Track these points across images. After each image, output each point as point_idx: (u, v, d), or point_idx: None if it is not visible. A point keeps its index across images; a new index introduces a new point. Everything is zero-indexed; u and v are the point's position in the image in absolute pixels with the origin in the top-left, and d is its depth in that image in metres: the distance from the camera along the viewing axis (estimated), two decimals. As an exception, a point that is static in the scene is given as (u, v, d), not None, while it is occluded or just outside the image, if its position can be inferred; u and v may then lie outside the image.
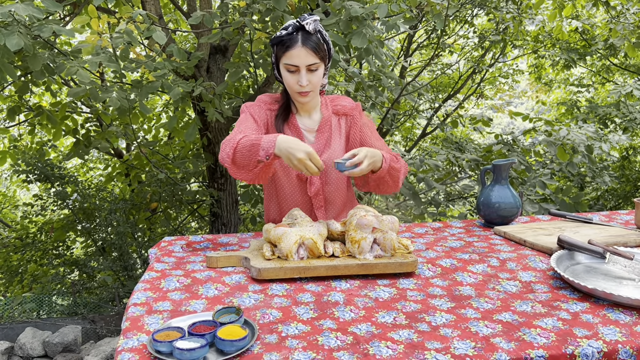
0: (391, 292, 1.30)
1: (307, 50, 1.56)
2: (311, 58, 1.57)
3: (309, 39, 1.57)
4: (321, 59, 1.60)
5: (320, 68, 1.62)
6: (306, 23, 1.56)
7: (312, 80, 1.61)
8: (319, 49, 1.59)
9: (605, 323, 1.12)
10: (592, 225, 1.82)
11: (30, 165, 5.15)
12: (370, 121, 1.80)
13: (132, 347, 1.05)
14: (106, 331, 4.84)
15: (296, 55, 1.57)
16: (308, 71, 1.59)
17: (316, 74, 1.61)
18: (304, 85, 1.59)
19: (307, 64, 1.58)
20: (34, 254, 5.67)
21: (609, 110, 6.17)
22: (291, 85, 1.62)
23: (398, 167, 1.64)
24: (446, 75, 7.79)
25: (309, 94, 1.63)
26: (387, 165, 1.59)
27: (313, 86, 1.62)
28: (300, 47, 1.56)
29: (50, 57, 2.69)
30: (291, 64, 1.58)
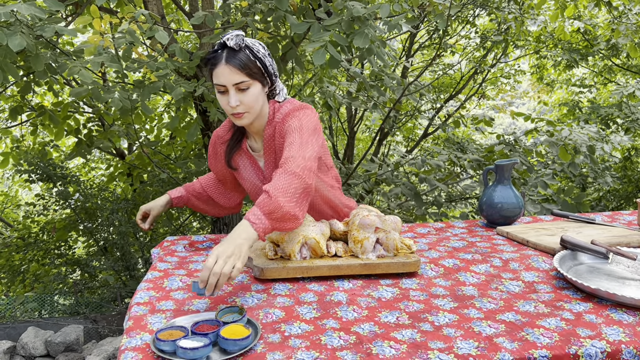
0: (394, 292, 1.30)
1: (231, 68, 1.44)
2: (237, 76, 1.45)
3: (233, 56, 1.45)
4: (250, 76, 1.47)
5: (253, 87, 1.48)
6: (227, 39, 1.46)
7: (244, 100, 1.47)
8: (246, 66, 1.45)
9: (609, 323, 1.12)
10: (594, 226, 1.82)
11: (33, 165, 5.16)
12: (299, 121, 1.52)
13: (136, 346, 1.05)
14: (108, 331, 4.85)
15: (221, 74, 1.45)
16: (238, 90, 1.47)
17: (248, 94, 1.47)
18: (233, 106, 1.47)
19: (233, 83, 1.45)
20: (36, 253, 5.68)
21: (611, 110, 6.16)
22: (224, 107, 1.51)
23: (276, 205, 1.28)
24: (448, 75, 7.79)
25: (244, 115, 1.50)
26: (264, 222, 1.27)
27: (246, 107, 1.49)
28: (224, 65, 1.45)
29: (53, 57, 2.69)
30: (218, 83, 1.47)
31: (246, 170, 1.68)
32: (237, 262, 1.20)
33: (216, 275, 1.16)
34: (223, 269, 1.17)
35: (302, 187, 1.35)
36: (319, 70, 4.73)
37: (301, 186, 1.35)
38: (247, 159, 1.68)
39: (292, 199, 1.32)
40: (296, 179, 1.34)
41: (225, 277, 1.17)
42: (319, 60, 2.46)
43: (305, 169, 1.37)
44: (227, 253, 1.19)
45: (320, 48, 2.49)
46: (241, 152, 1.68)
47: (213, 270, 1.16)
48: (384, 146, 7.75)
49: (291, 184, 1.33)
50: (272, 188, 1.30)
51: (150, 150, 4.98)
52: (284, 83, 5.59)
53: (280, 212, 1.29)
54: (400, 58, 6.85)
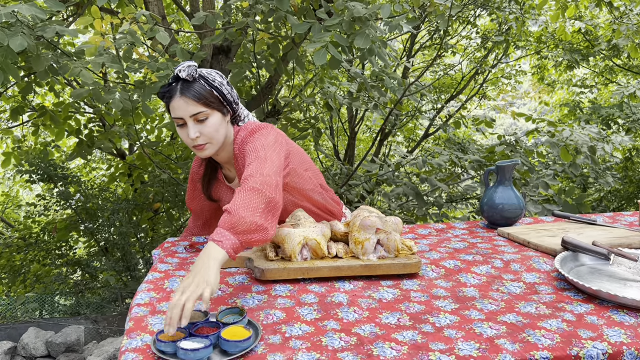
0: (395, 293, 1.30)
1: (186, 99, 1.42)
2: (192, 107, 1.42)
3: (187, 87, 1.42)
4: (207, 106, 1.44)
5: (212, 117, 1.45)
6: (179, 71, 1.42)
7: (204, 131, 1.44)
8: (202, 96, 1.42)
9: (610, 324, 1.12)
10: (596, 227, 1.82)
11: (34, 166, 5.16)
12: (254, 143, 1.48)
13: (136, 347, 1.05)
14: (109, 331, 4.85)
15: (177, 107, 1.43)
16: (196, 122, 1.44)
17: (207, 124, 1.44)
18: (193, 138, 1.44)
19: (190, 114, 1.42)
20: (37, 254, 5.68)
21: (612, 111, 6.15)
22: (185, 140, 1.48)
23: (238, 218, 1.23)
24: (449, 75, 7.78)
25: (205, 146, 1.47)
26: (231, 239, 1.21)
27: (207, 138, 1.46)
28: (179, 97, 1.42)
29: (54, 57, 2.70)
30: (175, 116, 1.44)
31: (226, 201, 1.67)
32: (205, 290, 1.09)
33: (178, 307, 1.05)
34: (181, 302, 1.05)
35: (265, 202, 1.28)
36: (319, 71, 4.73)
37: (263, 200, 1.28)
38: (226, 189, 1.67)
39: (255, 212, 1.25)
40: (255, 193, 1.28)
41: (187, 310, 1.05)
42: (319, 60, 2.46)
43: (265, 184, 1.31)
44: (191, 286, 1.10)
45: (321, 48, 2.49)
46: (219, 183, 1.67)
47: (172, 303, 1.06)
48: (385, 146, 7.75)
49: (251, 199, 1.27)
50: (232, 206, 1.25)
51: (151, 151, 4.98)
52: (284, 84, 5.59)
53: (244, 224, 1.22)
54: (401, 58, 6.85)
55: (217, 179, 1.66)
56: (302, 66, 3.58)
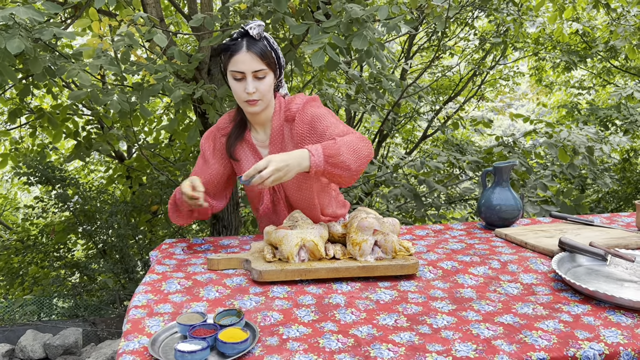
0: (392, 294, 1.30)
1: (252, 55, 1.51)
2: (256, 64, 1.52)
3: (254, 44, 1.52)
4: (268, 65, 1.55)
5: (269, 76, 1.56)
6: (250, 28, 1.52)
7: (260, 87, 1.54)
8: (265, 55, 1.53)
9: (607, 325, 1.12)
10: (593, 228, 1.82)
11: (32, 168, 5.16)
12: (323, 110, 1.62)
13: (133, 349, 1.05)
14: (107, 333, 4.84)
15: (241, 61, 1.52)
16: (254, 78, 1.54)
17: (264, 82, 1.55)
18: (250, 93, 1.53)
19: (252, 70, 1.52)
20: (35, 256, 5.68)
21: (610, 112, 6.17)
22: (238, 94, 1.56)
23: (336, 149, 1.41)
24: (447, 77, 7.79)
25: (257, 102, 1.57)
26: (321, 160, 1.39)
27: (261, 94, 1.56)
28: (245, 52, 1.51)
29: (52, 59, 2.69)
30: (236, 70, 1.53)
31: (247, 162, 1.70)
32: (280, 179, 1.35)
33: (261, 179, 1.33)
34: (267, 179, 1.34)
35: (367, 151, 1.47)
36: (317, 72, 4.73)
37: (366, 149, 1.47)
38: (250, 150, 1.70)
39: (353, 153, 1.43)
40: (364, 142, 1.47)
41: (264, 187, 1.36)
42: (317, 62, 2.46)
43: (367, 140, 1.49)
44: (278, 166, 1.35)
45: (319, 50, 2.49)
46: (243, 143, 1.70)
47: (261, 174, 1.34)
48: (383, 148, 7.75)
49: (359, 143, 1.46)
50: (340, 139, 1.44)
51: (149, 153, 4.98)
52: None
53: (338, 159, 1.40)
54: (399, 60, 6.86)
55: (243, 139, 1.70)
56: (300, 68, 3.58)
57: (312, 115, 1.59)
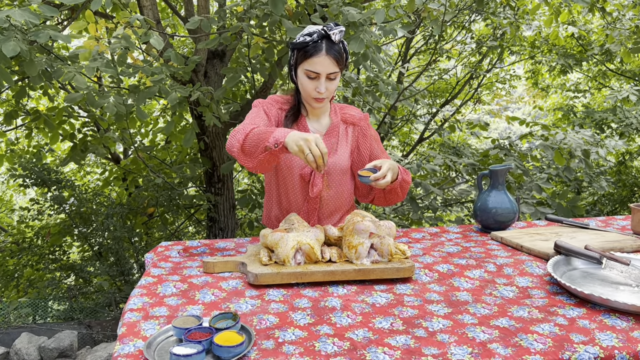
0: (388, 297, 1.30)
1: (330, 59, 1.59)
2: (333, 67, 1.60)
3: (333, 48, 1.60)
4: (341, 68, 1.64)
5: (338, 77, 1.65)
6: (332, 33, 1.59)
7: (330, 87, 1.64)
8: (341, 59, 1.62)
9: (602, 329, 1.12)
10: (588, 231, 1.82)
11: (27, 170, 5.14)
12: (376, 133, 1.83)
13: (129, 352, 1.04)
14: (102, 336, 4.82)
15: (319, 63, 1.59)
16: (327, 79, 1.62)
17: (334, 82, 1.64)
18: (322, 92, 1.62)
19: (328, 73, 1.60)
20: (30, 258, 5.65)
21: (606, 115, 6.19)
22: (309, 91, 1.64)
23: (408, 179, 1.72)
24: (443, 80, 7.82)
25: (324, 100, 1.67)
26: (401, 178, 1.65)
27: (329, 93, 1.66)
28: (325, 55, 1.58)
29: (48, 62, 2.69)
30: (313, 70, 1.60)
31: None
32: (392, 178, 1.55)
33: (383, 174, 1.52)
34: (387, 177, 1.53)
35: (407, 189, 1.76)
36: (314, 75, 4.73)
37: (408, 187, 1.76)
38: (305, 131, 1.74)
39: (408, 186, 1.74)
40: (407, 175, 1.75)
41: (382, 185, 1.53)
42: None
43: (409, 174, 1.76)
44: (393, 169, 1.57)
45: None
46: (297, 126, 1.73)
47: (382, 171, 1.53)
48: (380, 151, 7.74)
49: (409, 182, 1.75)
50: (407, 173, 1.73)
51: (146, 155, 4.97)
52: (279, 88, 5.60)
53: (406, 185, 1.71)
54: (396, 63, 6.87)
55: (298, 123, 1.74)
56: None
57: (374, 134, 1.81)
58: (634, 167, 7.72)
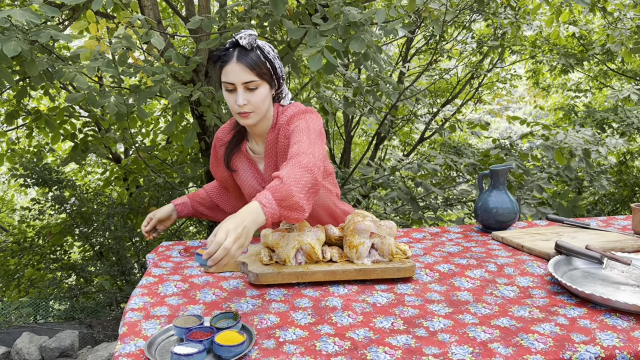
0: (389, 297, 1.30)
1: (242, 66, 1.45)
2: (247, 75, 1.46)
3: (244, 55, 1.46)
4: (260, 76, 1.48)
5: (262, 88, 1.50)
6: (240, 38, 1.46)
7: (252, 99, 1.49)
8: (257, 66, 1.47)
9: (603, 328, 1.13)
10: (589, 231, 1.82)
11: (28, 170, 5.15)
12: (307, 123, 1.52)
13: (130, 352, 1.05)
14: (103, 336, 4.82)
15: (231, 72, 1.46)
16: (246, 90, 1.48)
17: (256, 94, 1.49)
18: (241, 105, 1.48)
19: (243, 82, 1.46)
20: (31, 258, 5.66)
21: (607, 114, 6.19)
22: (230, 105, 1.51)
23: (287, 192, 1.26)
24: (444, 80, 7.82)
25: (250, 115, 1.51)
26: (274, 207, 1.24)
27: (253, 107, 1.50)
28: (235, 63, 1.46)
29: (49, 62, 2.69)
30: (227, 81, 1.48)
31: (245, 173, 1.68)
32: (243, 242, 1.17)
33: (225, 251, 1.13)
34: (231, 249, 1.14)
35: (312, 182, 1.32)
36: (315, 75, 4.74)
37: (311, 181, 1.32)
38: (247, 162, 1.68)
39: (302, 190, 1.29)
40: (308, 172, 1.32)
41: (230, 258, 1.14)
42: (315, 65, 2.47)
43: (316, 166, 1.35)
44: (237, 232, 1.15)
45: (317, 53, 2.50)
46: (240, 154, 1.68)
47: (223, 245, 1.13)
48: (381, 150, 7.76)
49: (303, 176, 1.31)
50: (285, 175, 1.28)
51: (147, 155, 4.97)
52: (280, 87, 5.58)
53: (291, 201, 1.26)
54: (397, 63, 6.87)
55: (241, 149, 1.67)
56: (298, 70, 3.58)
57: (295, 128, 1.52)
58: (635, 166, 7.71)
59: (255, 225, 1.20)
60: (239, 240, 1.16)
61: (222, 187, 1.84)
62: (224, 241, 1.13)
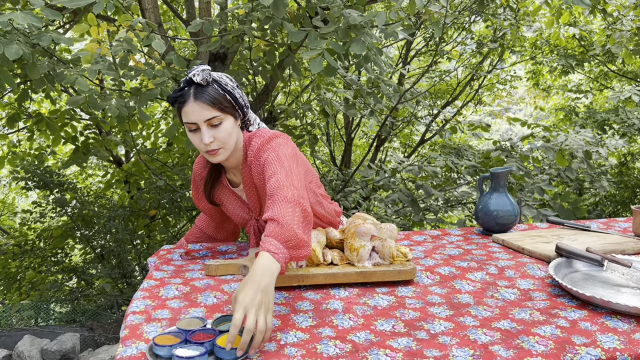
0: (390, 300, 1.31)
1: (200, 104, 1.38)
2: (207, 112, 1.38)
3: (201, 92, 1.39)
4: (222, 110, 1.41)
5: (226, 121, 1.42)
6: (193, 75, 1.40)
7: (218, 135, 1.41)
8: (216, 101, 1.40)
9: (604, 331, 1.13)
10: (590, 233, 1.83)
11: (29, 172, 5.16)
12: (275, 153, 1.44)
13: (131, 355, 1.05)
14: (104, 339, 4.82)
15: (190, 111, 1.39)
16: (210, 127, 1.41)
17: (221, 129, 1.41)
18: (207, 143, 1.41)
19: (204, 119, 1.39)
20: (33, 261, 5.67)
21: (608, 116, 6.19)
22: (197, 145, 1.44)
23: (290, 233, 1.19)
24: (444, 82, 7.82)
25: (219, 151, 1.43)
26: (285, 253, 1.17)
27: (221, 142, 1.42)
28: (193, 102, 1.38)
29: (50, 65, 2.70)
30: (188, 121, 1.40)
31: (230, 204, 1.65)
32: (268, 313, 1.05)
33: (250, 333, 1.01)
34: (258, 325, 1.02)
35: (303, 215, 1.25)
36: (316, 77, 4.75)
37: (302, 214, 1.25)
38: (229, 194, 1.64)
39: (299, 226, 1.22)
40: (297, 206, 1.25)
41: (261, 335, 1.02)
42: (315, 68, 2.48)
43: (300, 197, 1.27)
44: (255, 303, 1.04)
45: (317, 56, 2.50)
46: (222, 187, 1.65)
47: (247, 328, 1.01)
48: (381, 152, 7.77)
49: (294, 211, 1.24)
50: (279, 216, 1.21)
51: (148, 158, 4.98)
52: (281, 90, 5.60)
53: (295, 240, 1.19)
54: (397, 65, 6.88)
55: (221, 183, 1.64)
56: (299, 73, 3.59)
57: (264, 162, 1.44)
58: (636, 168, 7.71)
59: (273, 279, 1.11)
60: (261, 312, 1.04)
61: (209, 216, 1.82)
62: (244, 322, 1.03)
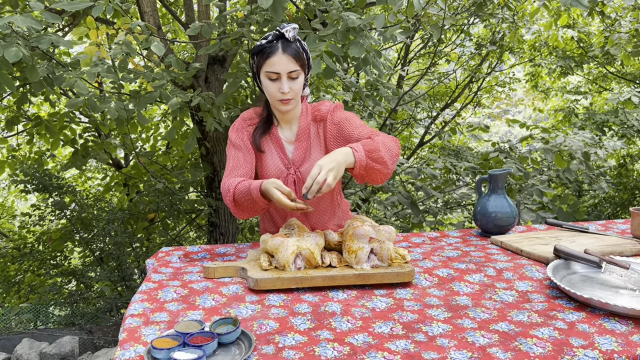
0: (388, 302, 1.31)
1: (287, 57, 1.58)
2: (292, 65, 1.59)
3: (289, 46, 1.59)
4: (301, 66, 1.62)
5: (301, 76, 1.63)
6: (286, 31, 1.59)
7: (294, 87, 1.62)
8: (299, 56, 1.61)
9: (602, 332, 1.13)
10: (588, 235, 1.83)
11: (29, 175, 5.15)
12: (349, 114, 1.72)
13: (129, 358, 1.05)
14: (103, 342, 4.82)
15: (277, 62, 1.58)
16: (289, 79, 1.61)
17: (297, 82, 1.62)
18: (285, 92, 1.60)
19: (288, 71, 1.59)
20: (32, 264, 5.66)
21: (607, 117, 6.20)
22: (273, 94, 1.63)
23: (375, 146, 1.54)
24: (443, 84, 7.83)
25: (291, 101, 1.64)
26: (363, 155, 1.51)
27: (294, 94, 1.63)
28: (281, 54, 1.58)
29: (50, 68, 2.70)
30: (273, 71, 1.59)
31: (272, 155, 1.74)
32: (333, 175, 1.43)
33: (318, 184, 1.42)
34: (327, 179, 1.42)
35: (396, 151, 1.60)
36: (315, 79, 4.75)
37: (396, 149, 1.60)
38: (274, 145, 1.73)
39: (388, 151, 1.56)
40: (394, 142, 1.62)
41: (327, 187, 1.42)
42: (314, 70, 2.48)
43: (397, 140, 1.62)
44: (329, 166, 1.44)
45: (316, 58, 2.51)
46: (269, 137, 1.74)
47: (317, 180, 1.42)
48: (381, 154, 7.74)
49: (390, 142, 1.60)
50: (376, 137, 1.57)
51: (147, 160, 4.98)
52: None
53: (377, 154, 1.52)
54: (396, 67, 6.89)
55: (270, 133, 1.75)
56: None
57: (342, 117, 1.71)
58: (635, 170, 7.72)
59: (345, 165, 1.48)
60: (332, 172, 1.43)
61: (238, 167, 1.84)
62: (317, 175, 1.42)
